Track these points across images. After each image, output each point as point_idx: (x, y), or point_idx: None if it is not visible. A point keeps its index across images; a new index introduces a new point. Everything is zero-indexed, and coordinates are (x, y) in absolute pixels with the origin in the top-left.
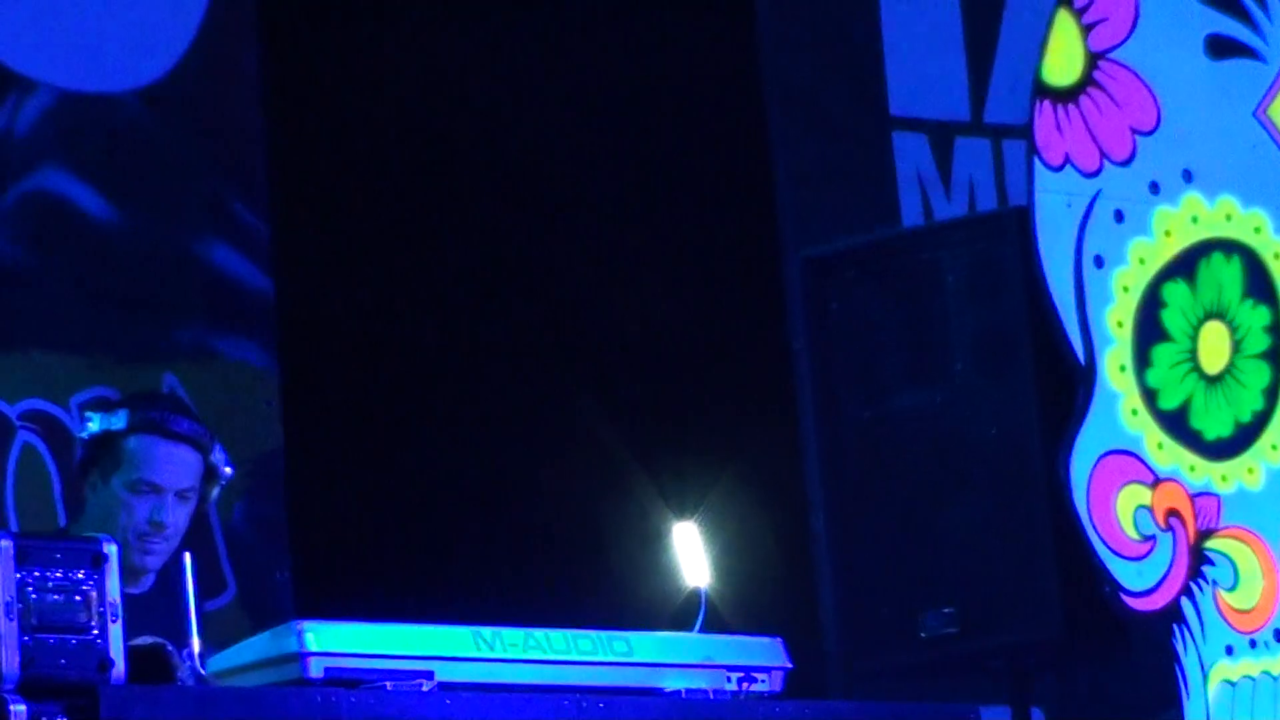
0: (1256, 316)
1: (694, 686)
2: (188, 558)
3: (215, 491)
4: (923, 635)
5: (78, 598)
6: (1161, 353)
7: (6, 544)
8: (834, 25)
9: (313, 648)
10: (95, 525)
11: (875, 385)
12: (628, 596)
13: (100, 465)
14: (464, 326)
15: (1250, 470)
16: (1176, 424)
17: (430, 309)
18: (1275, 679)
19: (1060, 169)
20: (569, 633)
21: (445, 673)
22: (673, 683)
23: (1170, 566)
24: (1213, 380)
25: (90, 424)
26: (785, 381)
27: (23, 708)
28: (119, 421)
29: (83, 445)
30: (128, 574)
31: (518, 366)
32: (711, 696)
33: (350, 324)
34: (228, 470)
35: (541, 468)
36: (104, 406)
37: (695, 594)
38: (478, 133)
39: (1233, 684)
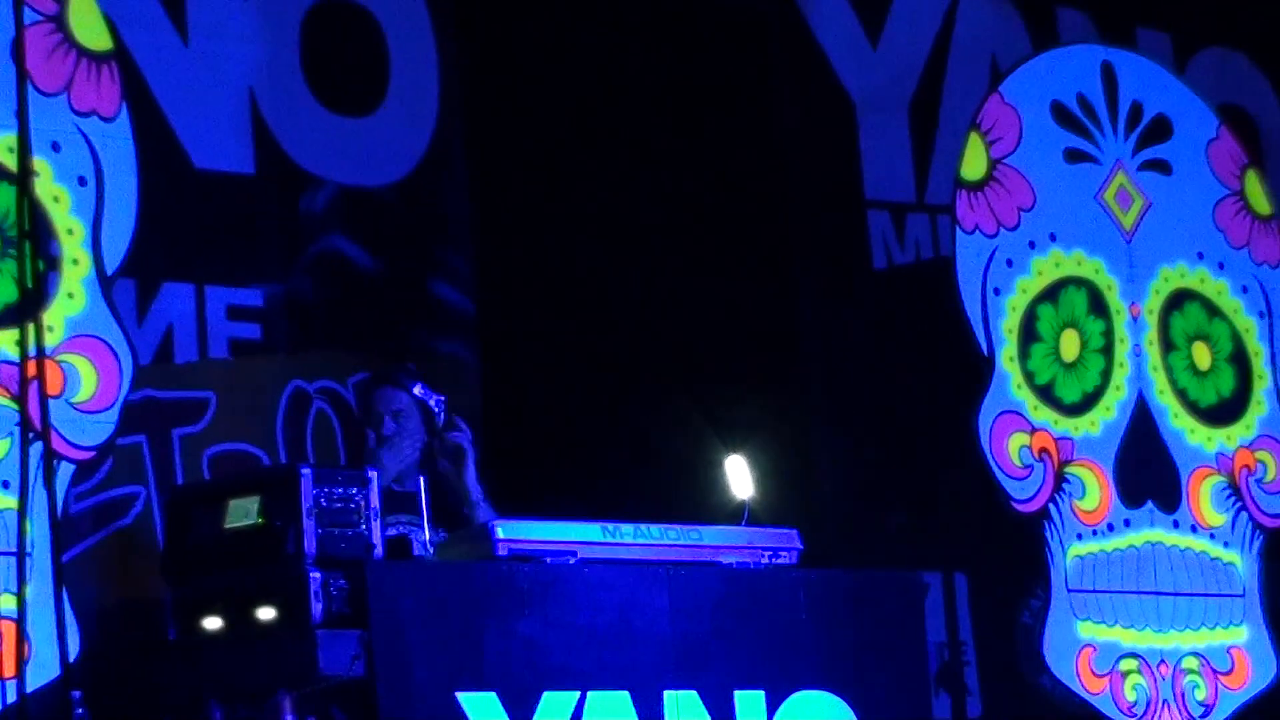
0: (1096, 326)
1: (740, 561)
2: (422, 481)
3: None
4: (886, 528)
5: (352, 505)
6: (1036, 349)
7: (308, 472)
8: (831, 140)
9: (500, 536)
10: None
11: (858, 370)
12: (700, 502)
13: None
14: (597, 336)
15: (1092, 423)
16: (1046, 394)
17: (570, 324)
18: (1109, 554)
19: (971, 233)
20: (662, 526)
21: (584, 552)
22: (727, 558)
23: (1042, 484)
24: (1068, 366)
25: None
26: (800, 366)
27: (318, 574)
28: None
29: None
30: (399, 485)
31: (632, 360)
32: (751, 566)
33: (523, 333)
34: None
35: (648, 425)
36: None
37: (741, 502)
38: (598, 214)
39: (1081, 558)
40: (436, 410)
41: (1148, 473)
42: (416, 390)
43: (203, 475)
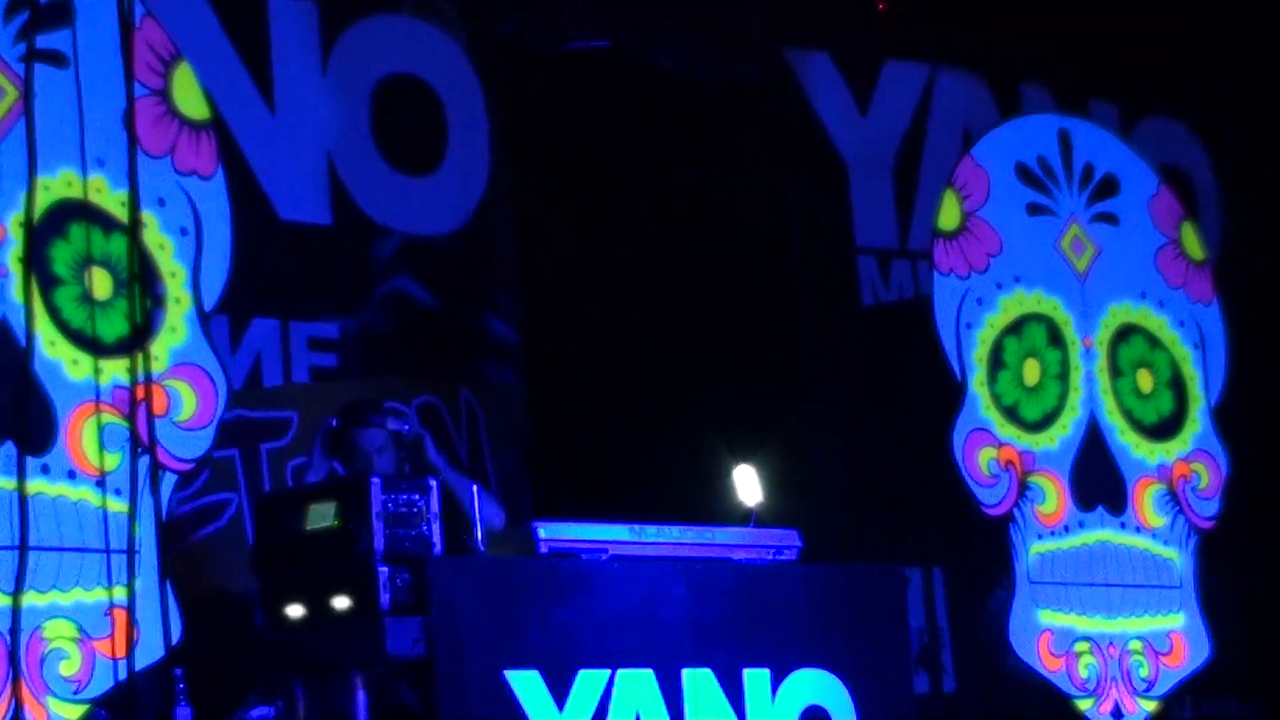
0: (1054, 355)
1: (748, 557)
2: (475, 489)
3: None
4: (875, 530)
5: (415, 510)
6: (1002, 375)
7: (377, 481)
8: (826, 196)
9: (542, 536)
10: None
11: (850, 393)
12: (714, 507)
13: (339, 448)
14: (626, 364)
15: (1051, 438)
16: (1011, 414)
17: (604, 354)
18: (1065, 551)
19: (947, 275)
20: (681, 527)
21: (614, 549)
22: (737, 555)
23: (1008, 491)
24: (1030, 390)
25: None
26: (800, 391)
27: (386, 569)
28: (333, 423)
29: (322, 438)
30: None
31: (656, 384)
32: (758, 562)
33: (563, 362)
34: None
35: (669, 440)
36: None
37: (750, 507)
38: (627, 258)
39: (1041, 554)
40: (405, 432)
41: (1098, 481)
42: (390, 424)
43: (287, 484)
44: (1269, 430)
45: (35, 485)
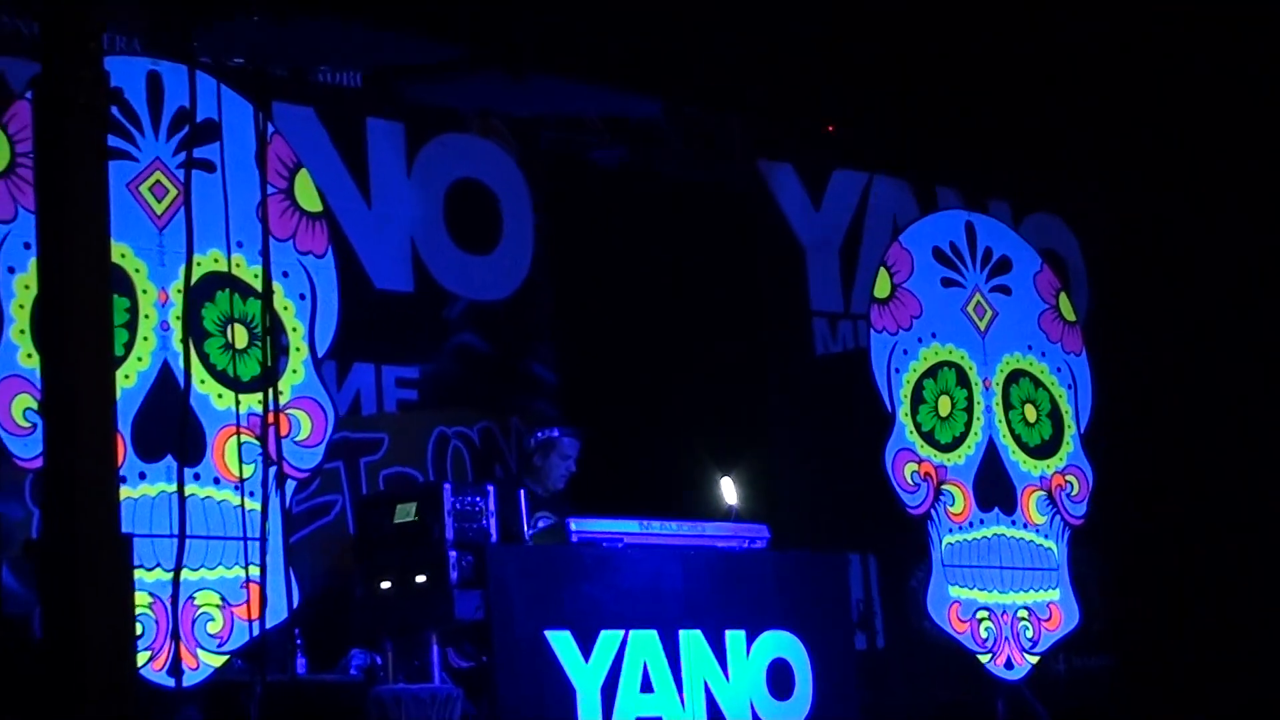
0: (961, 393)
1: (729, 545)
2: (521, 493)
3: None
4: (825, 526)
5: (477, 509)
6: (922, 408)
7: (448, 486)
8: (787, 272)
9: (574, 529)
10: (542, 476)
11: (806, 421)
12: (703, 507)
13: (544, 450)
14: (636, 399)
15: (959, 456)
16: (929, 437)
17: (620, 392)
18: (970, 542)
19: (880, 332)
20: (678, 521)
21: (628, 539)
22: (721, 544)
23: (926, 496)
24: (943, 419)
25: (540, 435)
26: (769, 420)
27: (454, 554)
28: (555, 434)
29: (537, 442)
30: (548, 493)
31: (660, 415)
32: (737, 550)
33: (590, 398)
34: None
35: (670, 456)
36: (544, 428)
37: (730, 507)
38: (638, 317)
39: (952, 544)
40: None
41: (995, 489)
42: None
43: (379, 488)
44: (1124, 451)
45: (190, 489)
